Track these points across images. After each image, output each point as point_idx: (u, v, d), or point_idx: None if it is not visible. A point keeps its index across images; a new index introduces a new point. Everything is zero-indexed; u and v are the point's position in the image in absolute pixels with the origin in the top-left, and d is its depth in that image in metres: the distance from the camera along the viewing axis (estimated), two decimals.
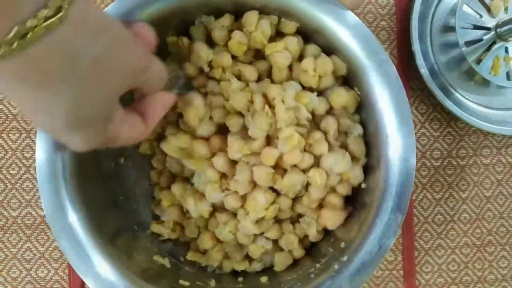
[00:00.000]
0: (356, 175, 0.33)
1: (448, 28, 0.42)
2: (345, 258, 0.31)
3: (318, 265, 0.34)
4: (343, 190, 0.34)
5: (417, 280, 0.42)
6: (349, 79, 0.34)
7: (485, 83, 0.42)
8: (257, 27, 0.33)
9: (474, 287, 0.42)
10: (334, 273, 0.31)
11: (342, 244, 0.33)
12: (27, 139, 0.42)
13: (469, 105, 0.42)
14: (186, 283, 0.34)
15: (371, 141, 0.34)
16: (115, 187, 0.36)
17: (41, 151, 0.31)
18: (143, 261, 0.35)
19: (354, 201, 0.36)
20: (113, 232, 0.33)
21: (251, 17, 0.33)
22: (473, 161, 0.43)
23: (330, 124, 0.33)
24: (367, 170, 0.34)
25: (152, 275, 0.33)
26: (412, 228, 0.42)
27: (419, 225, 0.42)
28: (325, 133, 0.34)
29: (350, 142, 0.34)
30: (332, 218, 0.34)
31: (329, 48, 0.34)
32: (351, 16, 0.31)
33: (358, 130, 0.34)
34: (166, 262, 0.36)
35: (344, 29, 0.31)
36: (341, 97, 0.33)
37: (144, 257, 0.35)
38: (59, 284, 0.41)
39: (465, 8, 0.41)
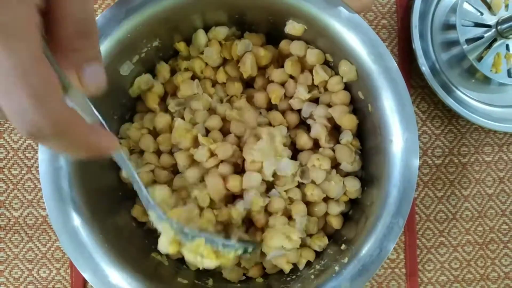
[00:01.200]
0: (354, 188, 0.34)
1: (449, 26, 0.42)
2: (345, 260, 0.31)
3: (318, 267, 0.34)
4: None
5: (420, 278, 0.41)
6: (353, 83, 0.34)
7: (486, 80, 0.42)
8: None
9: (476, 285, 0.42)
10: (334, 274, 0.31)
11: (343, 246, 0.33)
12: (28, 139, 0.42)
13: (471, 102, 0.42)
14: (185, 281, 0.34)
15: (374, 146, 0.34)
16: (114, 180, 0.36)
17: (43, 148, 0.31)
18: (142, 258, 0.35)
19: (356, 203, 0.36)
20: (112, 227, 0.33)
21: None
22: (474, 159, 0.43)
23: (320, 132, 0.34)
24: (370, 174, 0.34)
25: (151, 273, 0.33)
26: (414, 226, 0.42)
27: (421, 223, 0.42)
28: (317, 139, 0.35)
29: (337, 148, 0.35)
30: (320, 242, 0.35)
31: (335, 52, 0.34)
32: (358, 20, 0.31)
33: (347, 137, 0.35)
34: (163, 259, 0.36)
35: (351, 33, 0.31)
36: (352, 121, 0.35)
37: (143, 254, 0.35)
38: (61, 284, 0.41)
39: (466, 5, 0.41)
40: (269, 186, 0.35)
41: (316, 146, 0.36)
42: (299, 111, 0.37)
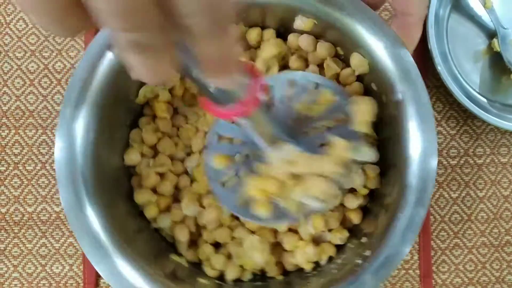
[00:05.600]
0: (374, 173, 0.34)
1: None
2: (367, 253, 0.31)
3: (339, 261, 0.33)
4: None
5: (434, 280, 0.41)
6: (365, 75, 0.34)
7: (504, 80, 0.41)
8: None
9: None
10: (357, 267, 0.31)
11: (363, 239, 0.33)
12: (43, 135, 0.42)
13: (486, 103, 0.42)
14: (205, 281, 0.34)
15: (392, 139, 0.33)
16: (127, 183, 0.36)
17: (59, 141, 0.31)
18: (160, 259, 0.35)
19: (373, 195, 0.35)
20: (130, 229, 0.33)
21: None
22: (490, 160, 0.42)
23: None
24: (388, 166, 0.34)
25: (172, 274, 0.33)
26: (429, 227, 0.41)
27: (436, 224, 0.41)
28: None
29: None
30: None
31: (345, 45, 0.34)
32: (371, 12, 0.31)
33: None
34: (183, 261, 0.35)
35: (364, 26, 0.31)
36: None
37: (161, 255, 0.35)
38: (74, 280, 0.41)
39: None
40: None
41: None
42: None
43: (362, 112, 0.32)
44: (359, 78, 0.35)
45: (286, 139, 0.29)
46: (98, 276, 0.40)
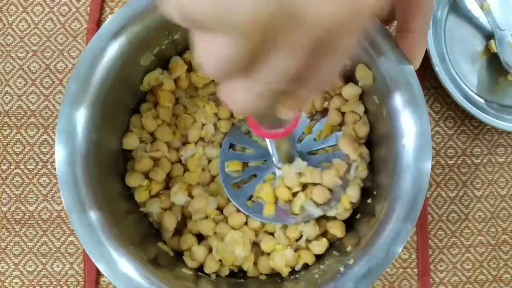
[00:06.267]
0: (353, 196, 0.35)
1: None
2: (351, 262, 0.31)
3: (322, 267, 0.33)
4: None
5: (432, 278, 0.41)
6: (369, 88, 0.34)
7: (501, 81, 0.42)
8: None
9: (489, 286, 0.42)
10: (338, 275, 0.31)
11: (348, 248, 0.33)
12: (44, 134, 0.42)
13: (484, 103, 0.42)
14: (189, 272, 0.34)
15: (385, 152, 0.33)
16: (123, 166, 0.37)
17: (62, 118, 0.31)
18: (149, 247, 0.35)
19: (363, 206, 0.36)
20: (121, 211, 0.33)
21: None
22: (487, 160, 0.43)
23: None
24: (380, 177, 0.34)
25: (158, 261, 0.33)
26: (426, 226, 0.42)
27: (433, 223, 0.42)
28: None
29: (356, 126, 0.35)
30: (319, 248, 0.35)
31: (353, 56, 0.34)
32: (383, 29, 0.31)
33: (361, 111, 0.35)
34: (169, 250, 0.36)
35: (376, 45, 0.31)
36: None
37: (150, 242, 0.35)
38: (74, 278, 0.41)
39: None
40: None
41: None
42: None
43: (345, 147, 0.35)
44: (363, 91, 0.35)
45: (298, 156, 0.34)
46: (98, 274, 0.40)
